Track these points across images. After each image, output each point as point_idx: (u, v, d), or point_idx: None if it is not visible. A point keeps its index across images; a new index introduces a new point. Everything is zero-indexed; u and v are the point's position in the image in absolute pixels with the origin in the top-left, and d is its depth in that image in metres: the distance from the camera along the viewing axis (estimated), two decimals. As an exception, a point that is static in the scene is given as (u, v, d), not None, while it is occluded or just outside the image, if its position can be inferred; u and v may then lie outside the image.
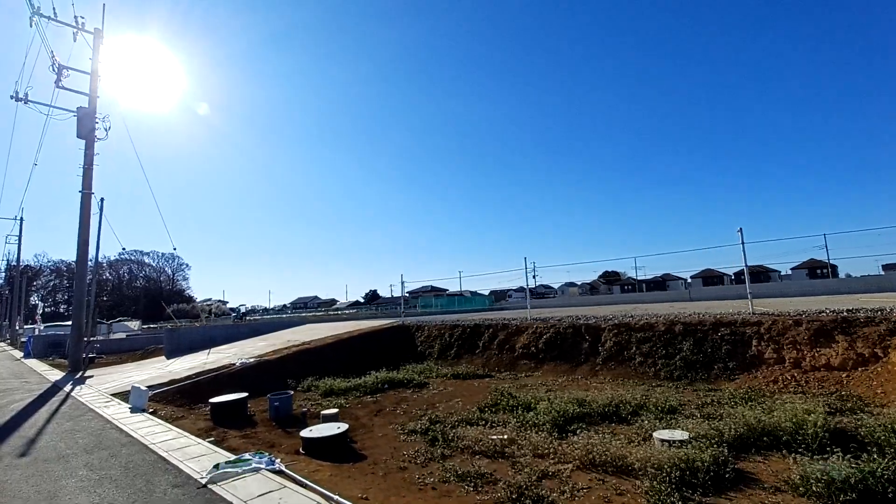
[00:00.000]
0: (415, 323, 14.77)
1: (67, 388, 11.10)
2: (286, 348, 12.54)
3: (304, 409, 7.69)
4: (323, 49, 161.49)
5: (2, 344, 38.64)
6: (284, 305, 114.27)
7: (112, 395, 9.66)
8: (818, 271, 64.01)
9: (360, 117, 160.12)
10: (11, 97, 14.74)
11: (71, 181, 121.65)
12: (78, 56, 50.82)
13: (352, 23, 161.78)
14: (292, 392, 8.66)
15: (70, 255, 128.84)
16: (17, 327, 32.71)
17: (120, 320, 39.92)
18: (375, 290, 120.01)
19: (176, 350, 16.74)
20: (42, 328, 26.17)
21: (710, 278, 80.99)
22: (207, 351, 15.85)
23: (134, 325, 32.50)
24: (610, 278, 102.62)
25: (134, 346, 24.44)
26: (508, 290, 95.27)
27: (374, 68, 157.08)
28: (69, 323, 42.63)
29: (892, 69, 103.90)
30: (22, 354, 22.99)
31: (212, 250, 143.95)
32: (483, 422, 6.34)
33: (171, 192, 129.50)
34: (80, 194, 15.12)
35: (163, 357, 16.77)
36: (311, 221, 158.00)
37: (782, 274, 59.93)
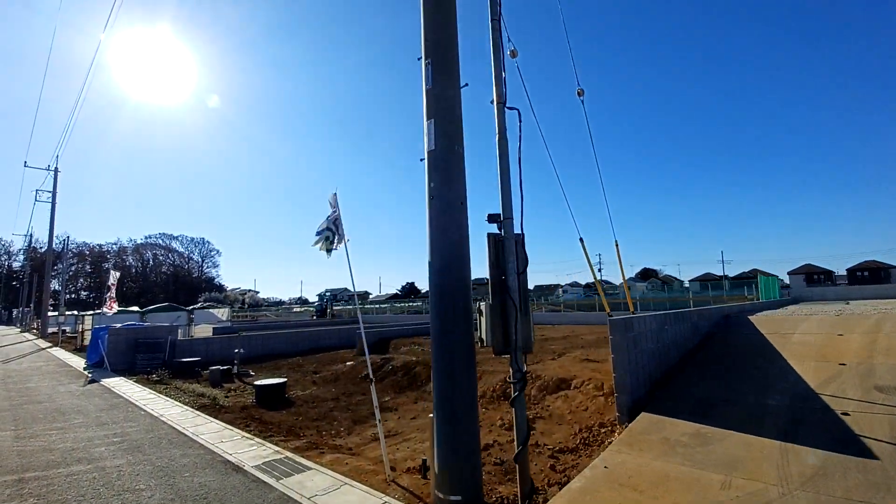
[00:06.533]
0: None
1: None
2: None
3: None
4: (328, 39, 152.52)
5: (27, 335, 29.55)
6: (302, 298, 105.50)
7: None
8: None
9: (359, 109, 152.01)
10: None
11: (100, 141, 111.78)
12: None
13: (355, 12, 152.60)
14: None
15: (97, 238, 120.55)
16: (58, 313, 23.70)
17: (203, 306, 28.75)
18: (413, 283, 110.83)
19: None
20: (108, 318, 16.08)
21: (812, 275, 71.07)
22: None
23: (222, 313, 21.96)
24: (648, 275, 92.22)
25: (251, 350, 14.13)
26: (562, 286, 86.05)
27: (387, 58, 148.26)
28: (133, 309, 25.98)
29: None
30: (84, 363, 13.50)
31: (239, 240, 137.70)
32: None
33: (192, 183, 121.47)
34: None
35: (419, 394, 7.16)
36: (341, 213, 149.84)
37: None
